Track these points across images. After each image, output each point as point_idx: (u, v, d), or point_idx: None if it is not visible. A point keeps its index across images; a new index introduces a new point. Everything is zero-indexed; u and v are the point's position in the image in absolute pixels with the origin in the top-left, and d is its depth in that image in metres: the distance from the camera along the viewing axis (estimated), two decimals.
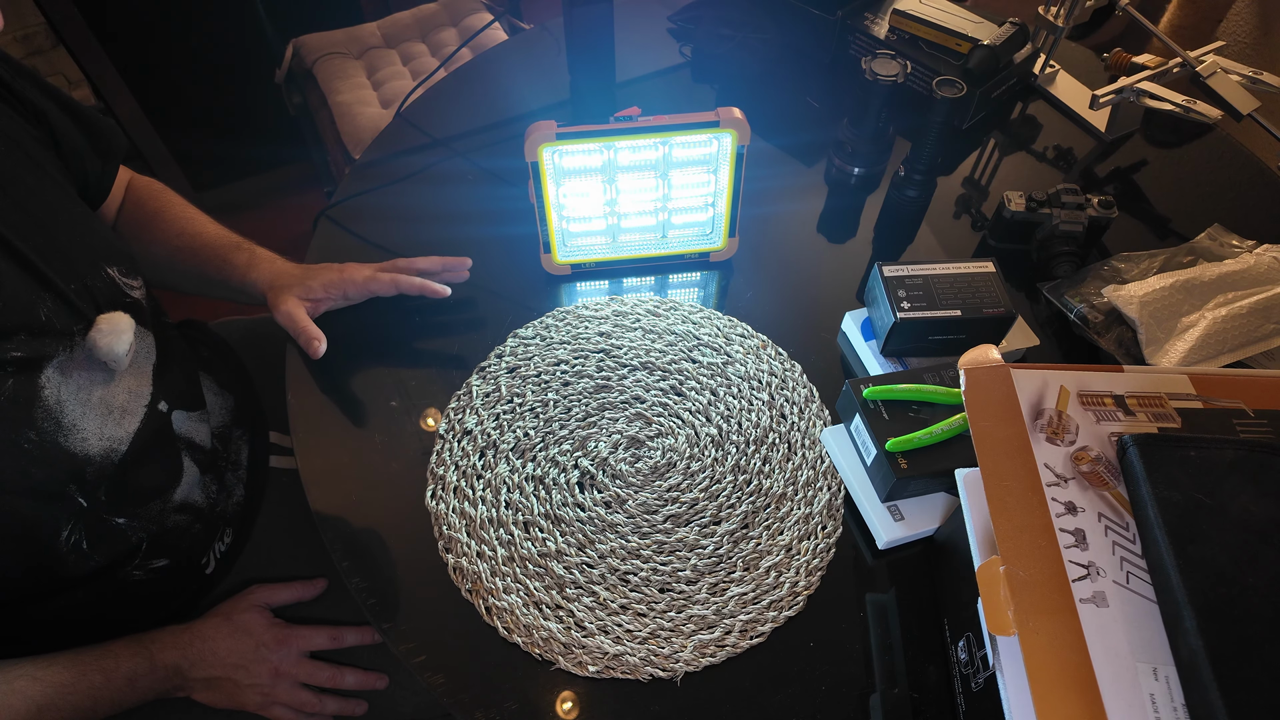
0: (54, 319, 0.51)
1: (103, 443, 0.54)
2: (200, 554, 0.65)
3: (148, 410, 0.58)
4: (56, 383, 0.51)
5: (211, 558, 0.67)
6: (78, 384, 0.52)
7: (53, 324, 0.50)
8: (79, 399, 0.52)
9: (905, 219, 0.80)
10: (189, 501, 0.63)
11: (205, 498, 0.65)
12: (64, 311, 0.52)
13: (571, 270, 0.74)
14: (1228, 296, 0.66)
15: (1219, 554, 0.38)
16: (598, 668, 0.51)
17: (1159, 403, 0.46)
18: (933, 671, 0.51)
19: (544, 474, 0.60)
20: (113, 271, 0.57)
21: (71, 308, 0.52)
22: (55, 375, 0.51)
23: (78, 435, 0.52)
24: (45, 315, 0.50)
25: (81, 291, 0.53)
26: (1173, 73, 0.82)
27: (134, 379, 0.57)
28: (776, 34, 0.96)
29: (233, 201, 1.73)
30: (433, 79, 0.93)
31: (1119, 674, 0.37)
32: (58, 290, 0.51)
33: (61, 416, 0.51)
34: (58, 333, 0.51)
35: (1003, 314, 0.62)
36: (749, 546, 0.57)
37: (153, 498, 0.59)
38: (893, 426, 0.55)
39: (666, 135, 0.64)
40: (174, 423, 0.62)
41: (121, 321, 0.54)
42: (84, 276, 0.54)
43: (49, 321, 0.50)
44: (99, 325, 0.53)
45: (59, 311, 0.51)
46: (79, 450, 0.52)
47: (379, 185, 0.82)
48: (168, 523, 0.61)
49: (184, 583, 0.65)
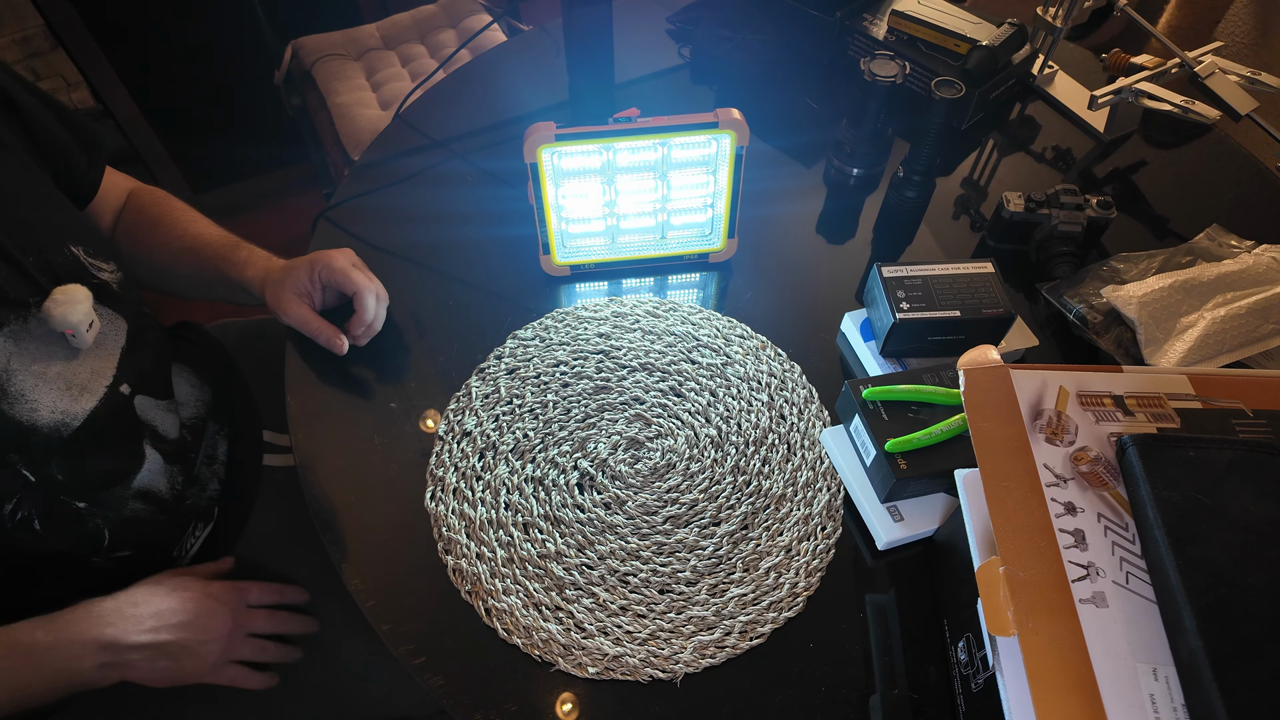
0: (8, 287, 0.52)
1: (54, 415, 0.54)
2: (168, 548, 0.65)
3: (108, 390, 0.58)
4: (7, 351, 0.52)
5: (184, 553, 0.66)
6: (32, 355, 0.53)
7: (6, 292, 0.52)
8: (32, 370, 0.53)
9: (904, 220, 0.80)
10: (150, 489, 0.63)
11: (170, 489, 0.65)
12: (19, 281, 0.53)
13: (571, 271, 0.74)
14: (1226, 297, 0.66)
15: (1218, 554, 0.38)
16: (597, 669, 0.51)
17: (1158, 403, 0.46)
18: (933, 672, 0.51)
19: (543, 475, 0.60)
20: (77, 250, 0.58)
21: (28, 278, 0.53)
22: (6, 343, 0.52)
23: (24, 404, 0.53)
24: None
25: (41, 265, 0.54)
26: (1171, 73, 0.82)
27: (98, 359, 0.58)
28: (775, 35, 0.96)
29: (232, 203, 1.73)
30: (432, 80, 0.93)
31: (1119, 674, 0.37)
32: (13, 261, 0.53)
33: (8, 384, 0.52)
34: (11, 301, 0.52)
35: (1002, 314, 0.62)
36: (749, 547, 0.57)
37: (113, 483, 0.60)
38: (892, 427, 0.55)
39: (665, 136, 0.64)
40: (137, 407, 0.62)
41: (77, 293, 0.55)
42: (45, 251, 0.55)
43: (1, 291, 0.52)
44: (54, 296, 0.54)
45: (13, 281, 0.52)
46: (25, 419, 0.52)
47: (378, 187, 0.82)
48: (126, 511, 0.61)
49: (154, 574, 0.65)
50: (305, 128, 1.43)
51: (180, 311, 0.87)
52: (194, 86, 1.55)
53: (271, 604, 0.65)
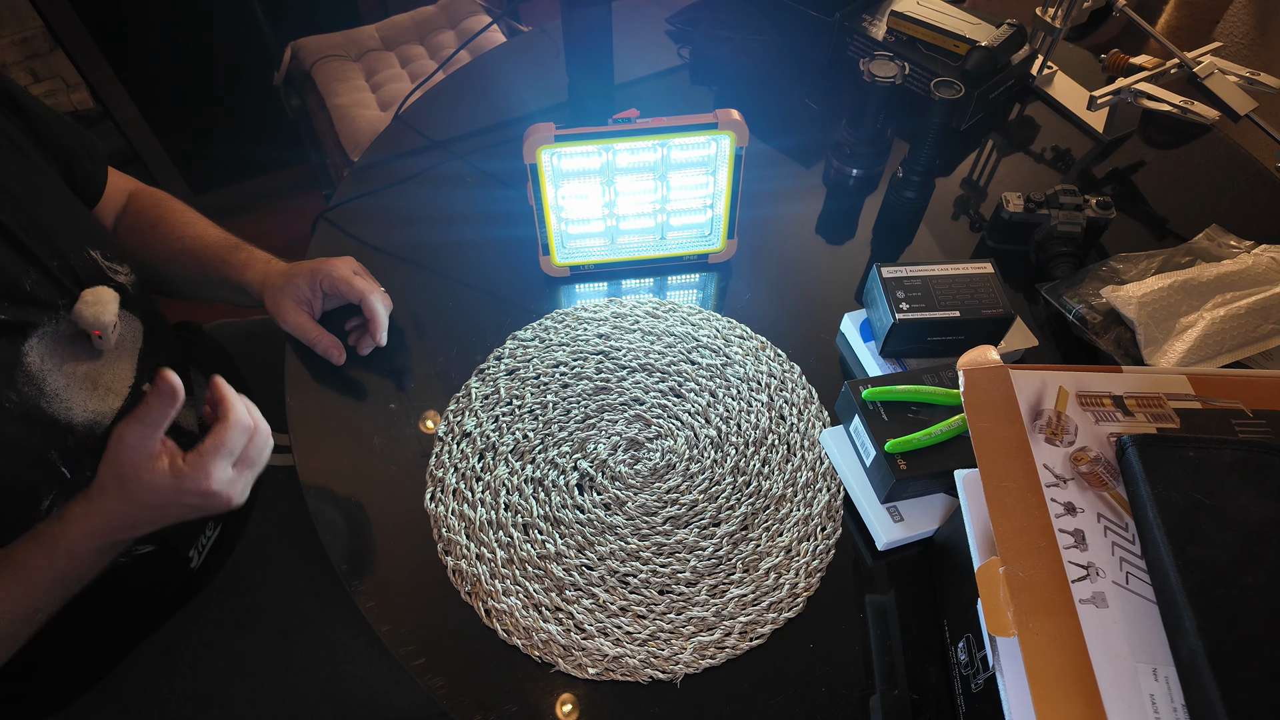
0: (39, 290, 0.53)
1: (87, 414, 0.55)
2: (186, 544, 0.66)
3: (132, 390, 0.59)
4: (40, 352, 0.53)
5: (197, 552, 0.67)
6: (62, 357, 0.54)
7: (38, 295, 0.53)
8: (63, 371, 0.54)
9: (904, 220, 0.80)
10: None
11: None
12: (48, 285, 0.54)
13: (570, 272, 0.74)
14: (1226, 297, 0.66)
15: (1218, 554, 0.38)
16: (597, 670, 0.51)
17: (1158, 403, 0.46)
18: (933, 673, 0.51)
19: (543, 476, 0.60)
20: (95, 254, 0.59)
21: (55, 282, 0.54)
22: (39, 345, 0.53)
23: (60, 403, 0.53)
24: (30, 286, 0.52)
25: (64, 269, 0.55)
26: (1170, 74, 0.82)
27: (119, 361, 0.59)
28: (774, 36, 0.97)
29: (231, 204, 1.73)
30: (431, 81, 0.93)
31: (1119, 674, 0.37)
32: (41, 265, 0.53)
33: (44, 384, 0.52)
34: (42, 304, 0.53)
35: (1001, 315, 0.62)
36: (748, 548, 0.57)
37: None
38: (892, 427, 0.55)
39: (665, 137, 0.64)
40: None
41: (105, 294, 0.56)
42: (66, 255, 0.56)
43: (34, 292, 0.52)
44: (84, 297, 0.55)
45: (43, 284, 0.53)
46: (61, 417, 0.53)
47: (378, 188, 0.82)
48: None
49: (168, 574, 0.65)
50: (305, 129, 1.43)
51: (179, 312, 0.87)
52: (194, 87, 1.55)
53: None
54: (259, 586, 0.69)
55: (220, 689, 0.65)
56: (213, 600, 0.68)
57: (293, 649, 0.67)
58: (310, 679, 0.67)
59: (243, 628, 0.67)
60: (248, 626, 0.67)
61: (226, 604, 0.68)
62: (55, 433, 0.53)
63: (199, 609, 0.68)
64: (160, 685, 0.65)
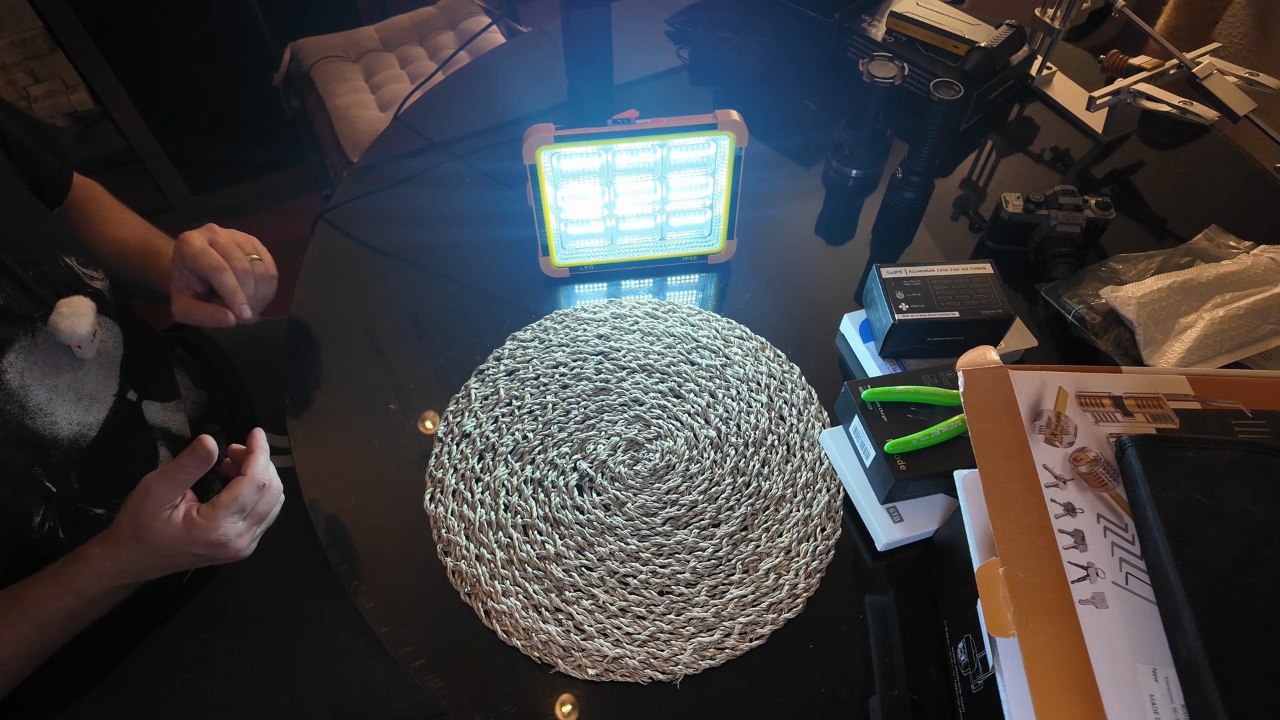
0: (13, 304, 0.52)
1: (72, 427, 0.55)
2: None
3: (116, 399, 0.58)
4: (20, 367, 0.52)
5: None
6: (43, 370, 0.53)
7: (12, 309, 0.52)
8: (45, 384, 0.53)
9: (903, 221, 0.80)
10: None
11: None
12: (23, 297, 0.53)
13: (570, 273, 0.74)
14: (1225, 297, 0.66)
15: (1218, 554, 0.38)
16: (597, 671, 0.51)
17: (1157, 404, 0.46)
18: (932, 673, 0.51)
19: (543, 477, 0.60)
20: (71, 261, 0.58)
21: (31, 293, 0.53)
22: (18, 360, 0.52)
23: (45, 418, 0.53)
24: (4, 300, 0.52)
25: (40, 278, 0.54)
26: (1169, 74, 0.82)
27: (101, 368, 0.58)
28: (774, 37, 0.97)
29: (231, 205, 1.73)
30: (431, 82, 0.93)
31: (1119, 675, 0.37)
32: (15, 276, 0.53)
33: (26, 400, 0.52)
34: (18, 318, 0.52)
35: (1001, 315, 0.62)
36: (748, 549, 0.57)
37: (129, 488, 0.59)
38: (891, 428, 0.55)
39: (664, 138, 0.64)
40: (146, 413, 0.62)
41: (81, 304, 0.55)
42: (41, 264, 0.55)
43: (8, 306, 0.52)
44: (59, 308, 0.54)
45: (18, 297, 0.52)
46: (46, 432, 0.53)
47: (377, 188, 0.82)
48: None
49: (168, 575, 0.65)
50: (304, 130, 1.43)
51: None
52: (193, 89, 1.55)
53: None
54: (258, 587, 0.69)
55: (220, 690, 0.65)
56: (212, 601, 0.68)
57: (292, 650, 0.67)
58: (310, 679, 0.67)
59: (242, 628, 0.67)
60: (247, 627, 0.67)
61: (226, 605, 0.68)
62: (40, 449, 0.52)
63: (198, 610, 0.68)
64: (159, 687, 0.64)
